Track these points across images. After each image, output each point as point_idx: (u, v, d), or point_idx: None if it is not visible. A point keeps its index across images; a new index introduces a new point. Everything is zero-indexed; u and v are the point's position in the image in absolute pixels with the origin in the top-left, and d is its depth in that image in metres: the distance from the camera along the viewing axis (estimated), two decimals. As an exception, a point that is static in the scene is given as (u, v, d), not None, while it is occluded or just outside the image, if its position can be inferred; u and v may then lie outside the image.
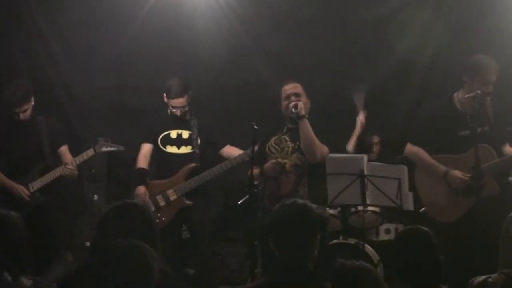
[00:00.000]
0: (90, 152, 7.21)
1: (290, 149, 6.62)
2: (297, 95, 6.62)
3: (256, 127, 6.31)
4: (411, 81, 8.68)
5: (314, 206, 4.05)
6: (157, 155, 7.33)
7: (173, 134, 7.27)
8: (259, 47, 8.73)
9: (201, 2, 8.58)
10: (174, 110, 7.19)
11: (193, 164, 7.16)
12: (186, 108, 7.21)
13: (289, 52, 8.65)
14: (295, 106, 6.50)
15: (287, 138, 6.69)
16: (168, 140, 7.28)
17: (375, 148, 8.49)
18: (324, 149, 6.59)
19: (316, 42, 8.61)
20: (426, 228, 4.15)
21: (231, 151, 7.31)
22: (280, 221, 4.04)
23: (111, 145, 7.26)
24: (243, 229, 7.52)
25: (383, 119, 8.59)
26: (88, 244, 7.81)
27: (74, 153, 7.36)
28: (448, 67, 8.13)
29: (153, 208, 7.04)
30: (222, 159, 7.29)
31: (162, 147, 7.28)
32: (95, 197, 8.57)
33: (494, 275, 3.71)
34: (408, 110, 8.58)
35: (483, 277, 3.82)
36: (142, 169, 7.30)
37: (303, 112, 6.49)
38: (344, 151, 7.91)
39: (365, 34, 8.59)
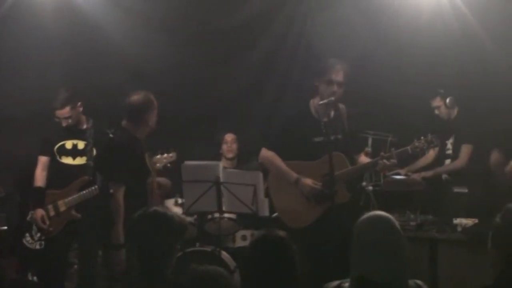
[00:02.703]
0: None
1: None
2: None
3: (111, 135, 6.19)
4: (269, 87, 8.84)
5: (175, 214, 4.07)
6: (52, 164, 7.05)
7: (68, 144, 7.02)
8: (114, 50, 8.67)
9: (51, 2, 8.43)
10: (58, 121, 6.93)
11: (86, 177, 6.94)
12: (70, 120, 6.94)
13: (144, 57, 8.64)
14: None
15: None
16: (63, 151, 7.03)
17: (231, 147, 8.58)
18: None
19: (174, 47, 8.64)
20: (281, 233, 4.19)
21: None
22: (140, 229, 4.04)
23: None
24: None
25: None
26: None
27: None
28: (304, 73, 8.31)
29: None
30: None
31: (57, 158, 7.03)
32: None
33: (347, 280, 3.80)
34: (265, 114, 8.73)
35: (336, 282, 3.90)
36: (40, 188, 7.03)
37: None
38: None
39: (224, 40, 8.70)
